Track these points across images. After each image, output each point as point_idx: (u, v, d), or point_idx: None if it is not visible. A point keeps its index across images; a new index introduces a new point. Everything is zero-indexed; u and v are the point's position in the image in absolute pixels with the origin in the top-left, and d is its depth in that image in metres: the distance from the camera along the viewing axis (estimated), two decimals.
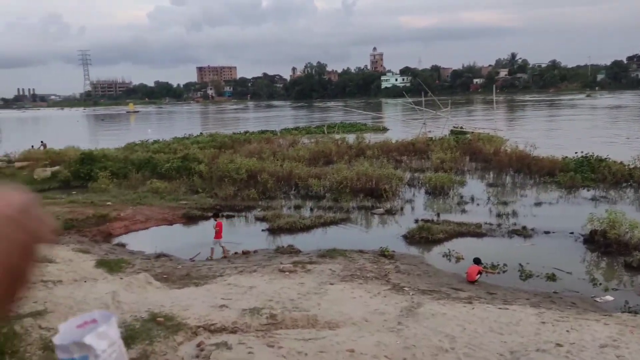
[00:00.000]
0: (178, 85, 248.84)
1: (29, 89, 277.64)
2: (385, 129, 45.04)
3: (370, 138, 31.08)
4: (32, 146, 32.26)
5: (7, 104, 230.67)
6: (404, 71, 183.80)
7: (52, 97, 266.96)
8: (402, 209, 17.22)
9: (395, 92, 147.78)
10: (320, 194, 18.98)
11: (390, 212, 16.81)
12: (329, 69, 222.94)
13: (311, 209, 17.27)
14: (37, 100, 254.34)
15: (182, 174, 21.83)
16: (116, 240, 14.58)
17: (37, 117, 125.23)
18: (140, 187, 20.25)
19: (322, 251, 12.37)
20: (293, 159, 23.89)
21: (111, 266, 11.20)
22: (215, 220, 13.34)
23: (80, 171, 22.47)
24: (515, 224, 14.80)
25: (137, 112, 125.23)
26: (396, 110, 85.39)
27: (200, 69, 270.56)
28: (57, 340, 0.65)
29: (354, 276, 10.45)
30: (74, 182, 22.31)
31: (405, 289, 9.76)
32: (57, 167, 24.13)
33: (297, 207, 17.50)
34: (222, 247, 13.04)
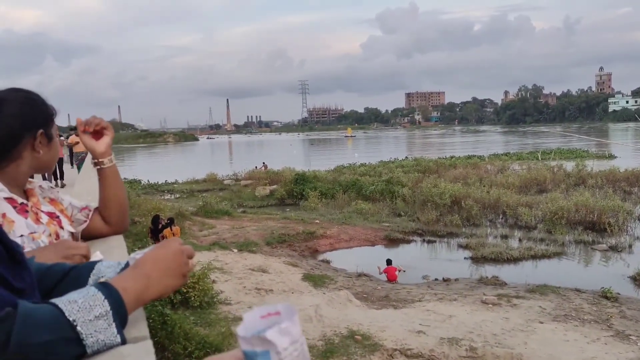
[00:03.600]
0: (386, 111, 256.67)
1: (256, 116, 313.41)
2: (611, 156, 40.26)
3: (593, 166, 28.07)
4: (256, 167, 36.10)
5: (238, 129, 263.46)
6: (638, 92, 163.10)
7: (275, 123, 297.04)
8: (630, 246, 15.12)
9: (625, 116, 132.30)
10: (530, 224, 17.67)
11: (615, 249, 14.88)
12: (545, 91, 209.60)
13: (520, 240, 16.15)
14: (262, 126, 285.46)
15: (386, 196, 22.24)
16: (321, 257, 15.40)
17: (260, 140, 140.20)
18: (346, 207, 21.17)
19: (531, 286, 11.44)
20: (501, 185, 22.73)
21: (316, 281, 11.85)
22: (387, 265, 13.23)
23: (293, 190, 24.40)
24: None
25: (354, 136, 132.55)
26: (626, 135, 75.96)
27: (408, 95, 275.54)
28: (240, 331, 0.64)
29: (567, 317, 9.43)
30: (288, 200, 24.30)
31: (632, 337, 8.46)
32: (274, 186, 26.56)
33: (504, 237, 16.52)
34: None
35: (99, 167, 1.68)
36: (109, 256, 1.30)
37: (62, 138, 14.27)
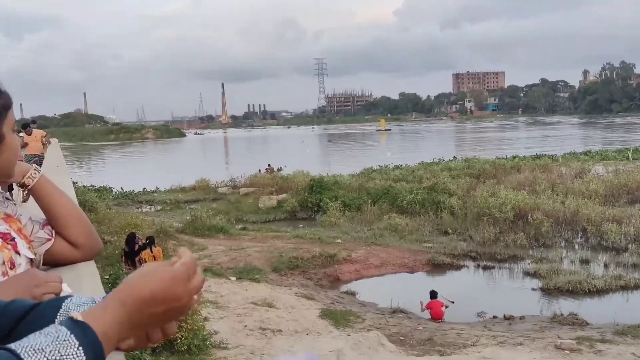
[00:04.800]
0: (428, 97, 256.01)
1: (259, 105, 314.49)
2: None
3: None
4: (259, 170, 36.27)
5: (236, 122, 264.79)
6: None
7: (283, 113, 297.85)
8: None
9: None
10: (619, 245, 17.55)
11: None
12: (637, 71, 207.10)
13: (605, 266, 16.12)
14: (267, 117, 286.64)
15: (428, 208, 22.24)
16: (344, 287, 15.39)
17: (265, 136, 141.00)
18: (376, 222, 21.17)
19: (621, 326, 11.35)
20: (580, 194, 22.56)
21: (338, 318, 11.85)
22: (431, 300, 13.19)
23: (308, 201, 24.44)
24: None
25: (389, 130, 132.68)
26: None
27: (456, 76, 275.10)
28: None
29: None
30: (300, 214, 24.35)
31: None
32: (283, 195, 26.65)
33: (584, 262, 16.45)
34: None
35: (27, 188, 1.72)
36: (78, 287, 1.31)
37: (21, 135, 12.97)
